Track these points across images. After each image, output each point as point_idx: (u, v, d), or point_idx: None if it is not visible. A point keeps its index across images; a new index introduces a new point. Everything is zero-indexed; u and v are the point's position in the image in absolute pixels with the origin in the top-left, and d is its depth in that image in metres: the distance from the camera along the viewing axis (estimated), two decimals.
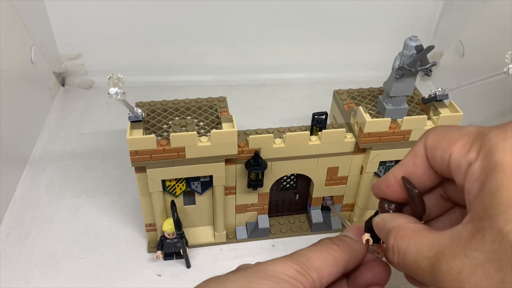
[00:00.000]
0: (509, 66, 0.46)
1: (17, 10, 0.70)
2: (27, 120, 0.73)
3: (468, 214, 0.30)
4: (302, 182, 0.59)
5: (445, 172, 0.34)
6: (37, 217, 0.62)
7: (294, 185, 0.59)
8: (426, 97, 0.55)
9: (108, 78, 0.41)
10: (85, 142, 0.76)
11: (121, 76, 0.41)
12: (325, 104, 0.67)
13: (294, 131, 0.54)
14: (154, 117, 0.53)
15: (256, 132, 0.53)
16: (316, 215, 0.60)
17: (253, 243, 0.60)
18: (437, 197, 0.40)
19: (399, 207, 0.38)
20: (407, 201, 0.38)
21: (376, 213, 0.40)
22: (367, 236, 0.40)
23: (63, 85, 0.87)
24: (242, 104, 0.85)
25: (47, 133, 0.77)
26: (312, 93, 0.89)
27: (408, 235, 0.33)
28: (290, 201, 0.61)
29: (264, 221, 0.59)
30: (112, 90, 0.41)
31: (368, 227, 0.39)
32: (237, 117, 0.80)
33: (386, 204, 0.38)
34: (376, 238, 0.39)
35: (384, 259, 0.41)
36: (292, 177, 0.58)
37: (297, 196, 0.61)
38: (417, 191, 0.37)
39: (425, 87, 0.89)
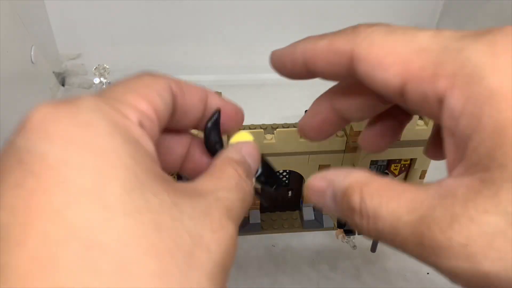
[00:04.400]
0: None
1: (17, 10, 0.71)
2: None
3: (461, 163, 0.23)
4: (295, 179, 0.59)
5: (390, 95, 0.26)
6: None
7: (287, 181, 0.60)
8: None
9: (94, 68, 0.42)
10: None
11: (107, 67, 0.42)
12: None
13: (288, 127, 0.54)
14: None
15: (250, 127, 0.54)
16: (308, 212, 0.60)
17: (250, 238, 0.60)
18: (366, 98, 0.32)
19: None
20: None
21: None
22: (340, 231, 0.39)
23: (63, 85, 0.88)
24: (242, 104, 0.84)
25: None
26: (314, 92, 0.89)
27: (377, 192, 0.24)
28: (283, 197, 0.62)
29: (255, 216, 0.60)
30: (96, 79, 0.42)
31: (340, 223, 0.39)
32: None
33: None
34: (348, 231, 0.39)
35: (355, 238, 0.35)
36: (285, 173, 0.59)
37: (290, 193, 0.61)
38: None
39: None
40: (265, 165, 0.33)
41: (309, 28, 0.90)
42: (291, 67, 0.32)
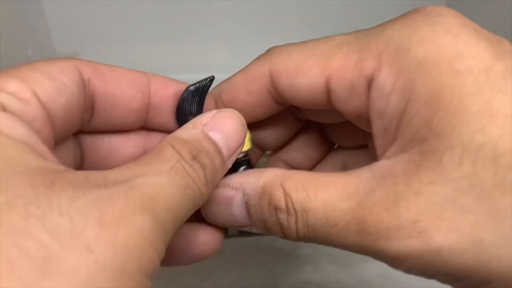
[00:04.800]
0: None
1: (14, 10, 0.70)
2: None
3: (394, 144, 0.21)
4: None
5: (317, 103, 0.25)
6: None
7: None
8: None
9: None
10: None
11: None
12: None
13: None
14: None
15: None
16: None
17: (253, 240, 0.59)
18: (286, 121, 0.31)
19: None
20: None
21: None
22: None
23: None
24: None
25: None
26: None
27: (302, 184, 0.22)
28: None
29: None
30: None
31: None
32: None
33: None
34: None
35: None
36: None
37: None
38: None
39: None
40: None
41: (309, 27, 0.89)
42: None
